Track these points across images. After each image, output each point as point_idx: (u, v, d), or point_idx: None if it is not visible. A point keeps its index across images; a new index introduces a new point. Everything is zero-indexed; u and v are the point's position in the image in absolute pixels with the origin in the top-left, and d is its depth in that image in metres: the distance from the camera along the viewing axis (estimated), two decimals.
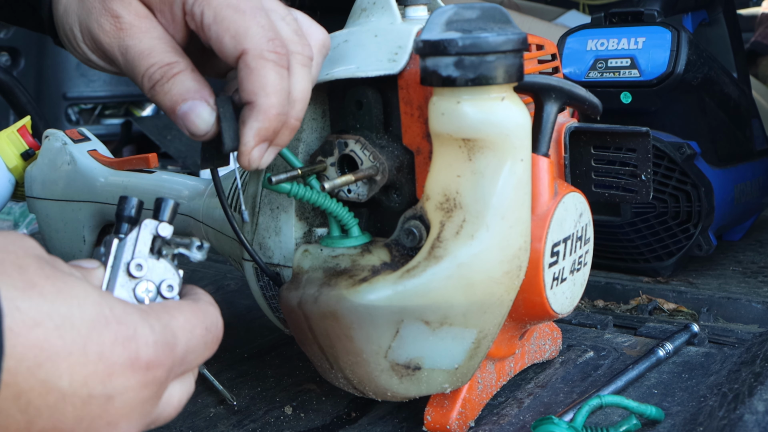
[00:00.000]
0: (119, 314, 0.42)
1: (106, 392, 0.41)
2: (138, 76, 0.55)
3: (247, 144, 0.54)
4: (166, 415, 0.47)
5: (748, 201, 1.19)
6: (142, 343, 0.43)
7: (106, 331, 0.41)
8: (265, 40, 0.54)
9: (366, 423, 0.73)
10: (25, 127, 1.11)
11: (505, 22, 0.61)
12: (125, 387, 0.42)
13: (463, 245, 0.61)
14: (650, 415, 0.69)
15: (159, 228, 0.51)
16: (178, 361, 0.46)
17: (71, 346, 0.40)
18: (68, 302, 0.40)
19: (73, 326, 0.40)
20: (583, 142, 0.75)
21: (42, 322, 0.39)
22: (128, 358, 0.42)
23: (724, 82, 1.15)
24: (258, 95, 0.53)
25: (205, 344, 0.48)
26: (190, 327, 0.47)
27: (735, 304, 0.99)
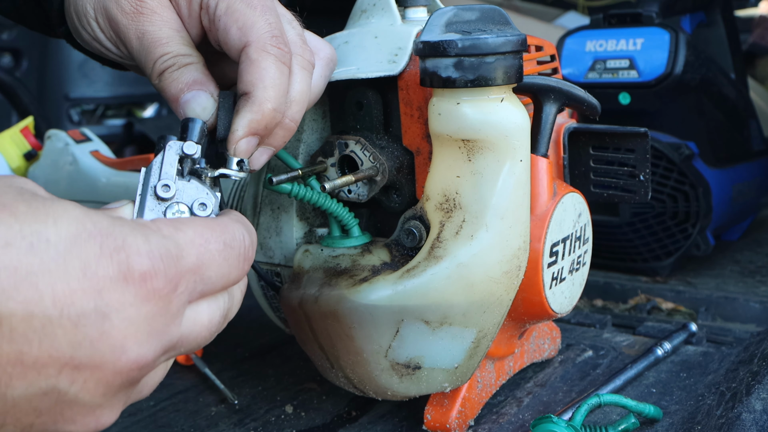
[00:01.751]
0: (104, 227, 0.39)
1: (99, 310, 0.38)
2: (150, 61, 0.55)
3: (236, 132, 0.53)
4: (196, 336, 0.43)
5: (745, 201, 1.19)
6: (133, 252, 0.39)
7: (88, 245, 0.38)
8: (270, 36, 0.54)
9: (366, 422, 0.73)
10: (28, 127, 1.11)
11: (505, 24, 0.62)
12: (120, 302, 0.38)
13: (462, 245, 0.61)
14: (648, 414, 0.69)
15: (184, 147, 0.48)
16: (188, 274, 0.41)
17: (49, 264, 0.37)
18: (43, 221, 0.37)
19: (50, 243, 0.37)
20: (581, 143, 0.75)
21: (13, 242, 0.36)
22: (118, 271, 0.38)
23: (722, 82, 1.16)
24: (255, 86, 0.53)
25: (225, 260, 0.44)
26: (201, 240, 0.43)
27: (733, 303, 1.00)
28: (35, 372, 0.37)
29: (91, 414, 0.40)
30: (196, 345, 0.44)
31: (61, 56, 1.66)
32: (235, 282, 0.45)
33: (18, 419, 0.38)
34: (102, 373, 0.39)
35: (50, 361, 0.37)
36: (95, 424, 0.40)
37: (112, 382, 0.39)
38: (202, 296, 0.43)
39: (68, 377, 0.38)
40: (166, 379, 0.82)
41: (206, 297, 0.44)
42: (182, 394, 0.80)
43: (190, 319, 0.43)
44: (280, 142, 0.56)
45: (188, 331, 0.43)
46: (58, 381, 0.38)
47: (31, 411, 0.38)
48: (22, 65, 1.64)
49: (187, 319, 0.43)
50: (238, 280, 0.45)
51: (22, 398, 0.37)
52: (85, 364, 0.38)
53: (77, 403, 0.39)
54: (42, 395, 0.38)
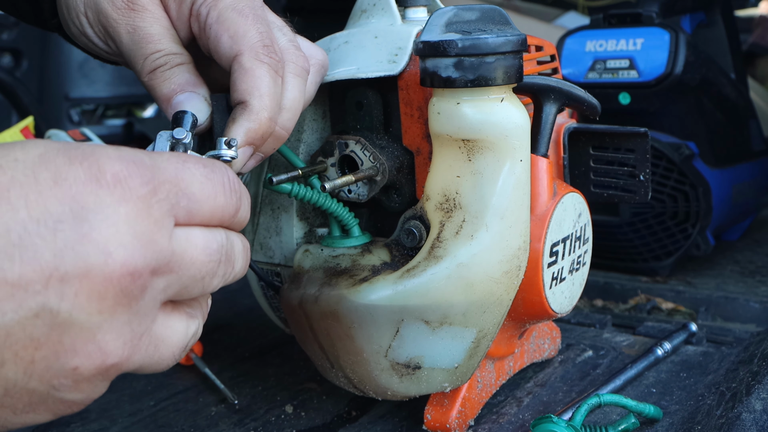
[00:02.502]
0: (73, 146, 0.38)
1: (75, 213, 0.37)
2: (140, 58, 0.55)
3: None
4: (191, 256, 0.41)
5: (745, 201, 1.19)
6: (103, 157, 0.38)
7: (57, 158, 0.37)
8: (261, 45, 0.54)
9: (366, 422, 0.73)
10: (28, 127, 1.11)
11: (505, 24, 0.62)
12: (96, 203, 0.37)
13: (462, 245, 0.61)
14: (649, 414, 0.69)
15: (174, 133, 0.48)
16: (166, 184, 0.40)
17: (20, 177, 0.36)
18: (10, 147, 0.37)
19: (17, 161, 0.37)
20: (581, 143, 0.75)
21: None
22: (90, 174, 0.37)
23: (721, 83, 1.16)
24: (251, 95, 0.53)
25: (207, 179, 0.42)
26: (178, 160, 0.41)
27: (733, 303, 1.00)
28: (21, 290, 0.36)
29: (92, 339, 0.38)
30: (195, 271, 0.41)
31: (61, 56, 1.66)
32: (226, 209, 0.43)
33: (16, 353, 0.36)
34: (91, 282, 0.37)
35: (35, 275, 0.36)
36: (100, 354, 0.38)
37: (104, 293, 0.37)
38: (190, 217, 0.41)
39: (57, 291, 0.36)
40: (167, 379, 0.82)
41: (198, 224, 0.42)
42: (182, 394, 0.80)
43: (181, 237, 0.41)
44: (270, 149, 0.56)
45: (182, 250, 0.40)
46: (47, 297, 0.36)
47: (29, 341, 0.36)
48: (22, 65, 1.64)
49: (178, 237, 0.41)
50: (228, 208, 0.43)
51: (14, 324, 0.36)
52: (71, 273, 0.36)
53: (74, 325, 0.37)
54: (34, 318, 0.36)
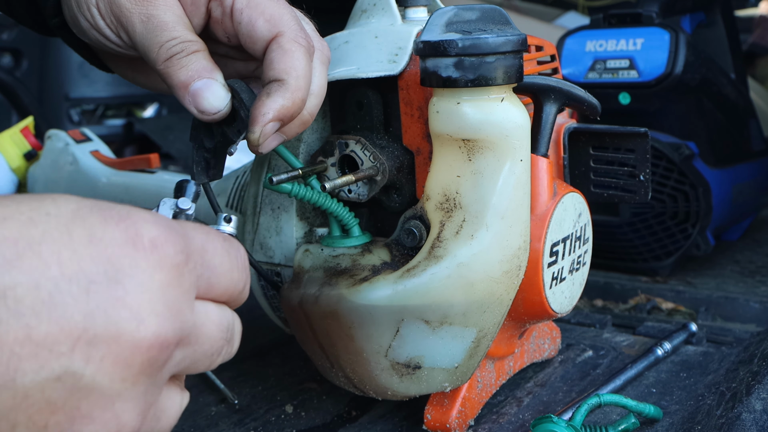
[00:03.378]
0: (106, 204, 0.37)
1: (110, 275, 0.35)
2: (156, 46, 0.55)
3: (266, 114, 0.53)
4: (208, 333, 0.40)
5: (745, 201, 1.19)
6: (140, 220, 0.37)
7: (91, 215, 0.36)
8: (298, 28, 0.55)
9: (366, 422, 0.73)
10: (28, 127, 1.11)
11: (505, 24, 0.62)
12: (132, 267, 0.36)
13: (462, 245, 0.61)
14: (649, 414, 0.69)
15: (179, 203, 0.49)
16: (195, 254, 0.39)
17: (53, 233, 0.35)
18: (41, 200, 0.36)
19: (50, 216, 0.35)
20: (582, 143, 0.75)
21: (12, 216, 0.34)
22: (127, 237, 0.36)
23: (722, 83, 1.16)
24: (289, 75, 0.54)
25: (227, 252, 0.42)
26: (203, 231, 0.41)
27: (733, 303, 1.00)
28: (46, 350, 0.34)
29: (110, 408, 0.36)
30: (208, 347, 0.41)
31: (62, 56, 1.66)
32: (238, 286, 0.43)
33: (30, 417, 0.34)
34: (120, 348, 0.35)
35: (62, 335, 0.34)
36: (115, 424, 0.36)
37: (131, 360, 0.36)
38: (209, 290, 0.41)
39: (83, 354, 0.34)
40: None
41: (213, 299, 0.42)
42: None
43: (200, 311, 0.40)
44: (294, 132, 0.57)
45: (201, 323, 0.40)
46: (72, 360, 0.34)
47: (45, 405, 0.34)
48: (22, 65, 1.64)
49: (198, 310, 0.40)
50: (240, 285, 0.43)
51: (33, 386, 0.34)
52: (100, 336, 0.35)
53: (95, 390, 0.35)
54: (55, 381, 0.34)
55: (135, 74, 0.64)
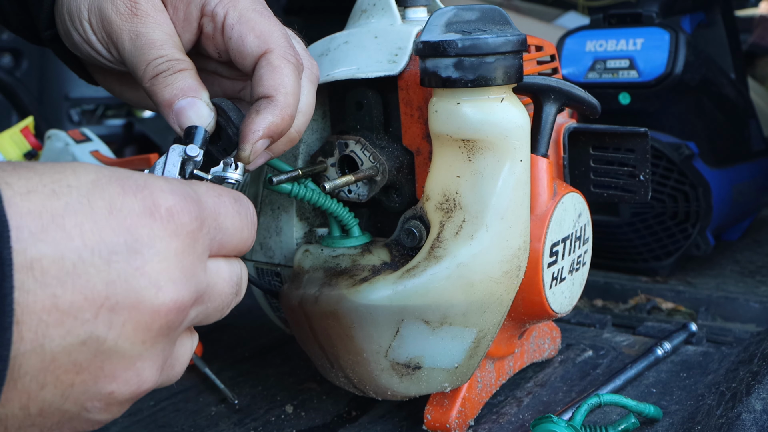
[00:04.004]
0: (123, 173, 0.39)
1: (130, 246, 0.37)
2: (142, 63, 0.55)
3: (256, 132, 0.54)
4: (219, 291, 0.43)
5: (745, 201, 1.19)
6: (157, 189, 0.39)
7: (110, 186, 0.38)
8: (288, 45, 0.55)
9: (366, 422, 0.73)
10: (28, 127, 1.11)
11: (505, 24, 0.62)
12: (150, 237, 0.38)
13: (462, 245, 0.61)
14: (649, 414, 0.69)
15: (187, 149, 0.49)
16: (209, 218, 0.41)
17: (75, 205, 0.37)
18: (61, 171, 0.38)
19: (71, 187, 0.37)
20: (581, 143, 0.75)
21: (35, 189, 0.36)
22: (144, 207, 0.38)
23: (721, 83, 1.16)
24: (278, 92, 0.54)
25: (237, 212, 0.44)
26: (215, 192, 0.43)
27: (733, 303, 1.00)
28: (71, 317, 0.36)
29: (131, 367, 0.39)
30: (219, 302, 0.43)
31: None
32: (247, 242, 0.45)
33: (58, 377, 0.37)
34: (140, 314, 0.38)
35: (86, 303, 0.36)
36: (137, 380, 0.39)
37: (150, 324, 0.38)
38: (220, 249, 0.43)
39: (106, 320, 0.37)
40: None
41: (224, 255, 0.44)
42: (182, 394, 0.80)
43: (212, 271, 0.42)
44: (281, 150, 0.57)
45: (213, 282, 0.42)
46: (96, 326, 0.37)
47: (71, 366, 0.37)
48: (22, 65, 1.64)
49: (210, 270, 0.42)
50: (248, 241, 0.45)
51: (60, 350, 0.36)
52: (121, 304, 0.37)
53: (117, 353, 0.38)
54: (80, 345, 0.37)
55: (123, 89, 0.64)
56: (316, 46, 0.70)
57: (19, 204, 0.36)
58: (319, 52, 0.69)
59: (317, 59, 0.68)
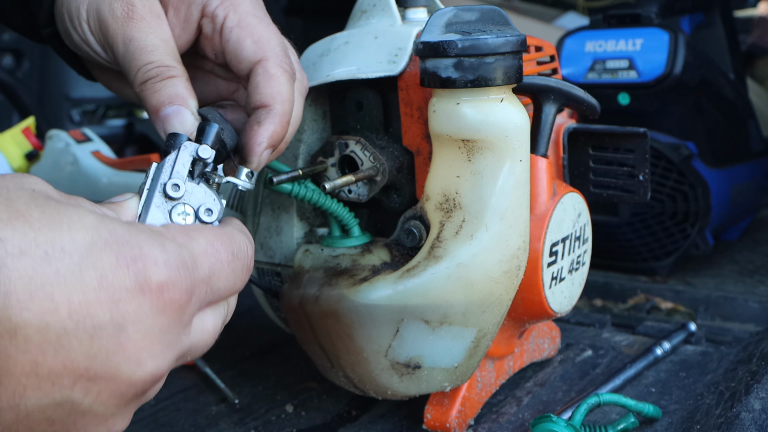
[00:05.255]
0: (121, 235, 0.38)
1: (116, 322, 0.37)
2: (134, 69, 0.55)
3: (261, 144, 0.54)
4: (202, 344, 0.44)
5: (744, 201, 1.20)
6: (150, 262, 0.39)
7: (104, 254, 0.37)
8: (283, 54, 0.56)
9: (366, 421, 0.74)
10: (29, 128, 1.12)
11: (504, 24, 0.62)
12: (137, 314, 0.38)
13: (462, 245, 0.62)
14: (648, 413, 0.70)
15: (199, 150, 0.49)
16: (201, 284, 0.42)
17: (65, 274, 0.36)
18: (57, 227, 0.37)
19: (65, 252, 0.36)
20: (581, 143, 0.75)
21: (27, 251, 0.36)
22: (135, 281, 0.38)
23: (721, 83, 1.16)
24: (275, 100, 0.54)
25: (232, 270, 0.44)
26: (212, 251, 0.43)
27: (732, 303, 1.00)
28: (49, 383, 0.37)
29: (103, 423, 0.40)
30: (200, 352, 0.45)
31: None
32: (238, 289, 0.46)
33: (30, 428, 0.38)
34: (117, 385, 0.38)
35: (65, 372, 0.37)
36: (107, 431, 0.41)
37: (126, 393, 0.39)
38: (210, 304, 0.44)
39: (83, 388, 0.38)
40: (167, 379, 0.82)
41: (211, 305, 0.44)
42: (183, 394, 0.80)
43: (197, 328, 0.43)
44: (273, 157, 0.58)
45: (196, 340, 0.43)
46: (73, 392, 0.37)
47: (44, 420, 0.38)
48: (23, 66, 1.64)
49: (195, 328, 0.43)
50: (240, 290, 0.46)
51: (35, 409, 0.37)
52: (100, 375, 0.38)
53: (90, 413, 0.39)
54: (56, 406, 0.37)
55: (121, 86, 0.64)
56: (316, 46, 0.70)
57: (10, 266, 0.35)
58: (320, 52, 0.69)
59: (318, 59, 0.68)
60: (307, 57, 0.70)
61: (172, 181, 0.47)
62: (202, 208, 0.48)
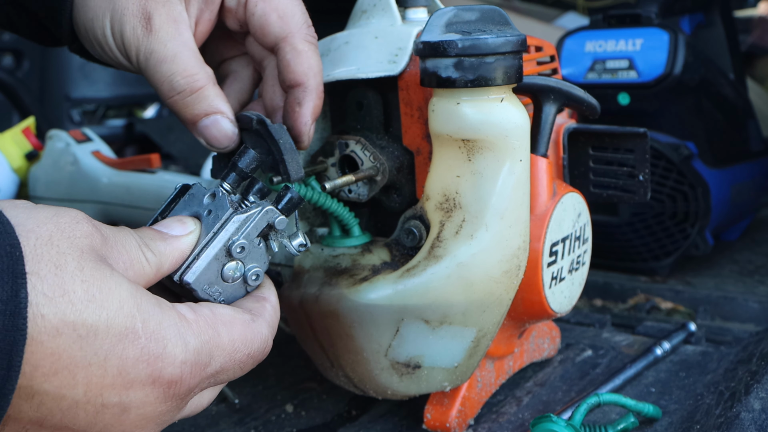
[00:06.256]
0: (152, 329, 0.42)
1: (122, 404, 0.42)
2: (159, 82, 0.55)
3: (307, 124, 0.58)
4: (188, 414, 0.48)
5: (744, 201, 1.20)
6: (168, 362, 0.42)
7: (131, 347, 0.41)
8: (307, 26, 0.58)
9: (366, 421, 0.74)
10: (29, 128, 1.12)
11: (504, 24, 0.62)
12: (143, 401, 0.42)
13: (462, 245, 0.62)
14: (648, 413, 0.70)
15: (277, 221, 0.50)
16: (209, 378, 0.46)
17: (91, 358, 0.40)
18: (97, 312, 0.40)
19: (97, 337, 0.40)
20: (581, 143, 0.75)
21: (64, 332, 0.39)
22: (149, 375, 0.42)
23: (720, 83, 1.16)
24: (308, 76, 0.57)
25: (241, 368, 0.48)
26: (231, 349, 0.47)
27: (732, 303, 1.00)
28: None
29: None
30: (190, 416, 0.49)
31: (62, 57, 1.66)
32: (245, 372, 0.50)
33: None
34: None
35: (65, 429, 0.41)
36: None
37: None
38: (214, 384, 0.48)
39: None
40: None
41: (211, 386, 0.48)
42: None
43: (193, 402, 0.47)
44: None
45: (189, 412, 0.48)
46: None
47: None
48: (23, 66, 1.64)
49: (192, 403, 0.47)
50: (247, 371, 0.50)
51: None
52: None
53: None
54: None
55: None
56: None
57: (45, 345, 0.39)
58: (320, 52, 0.69)
59: None
60: None
61: (241, 243, 0.49)
62: (252, 272, 0.50)
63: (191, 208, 0.51)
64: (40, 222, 0.40)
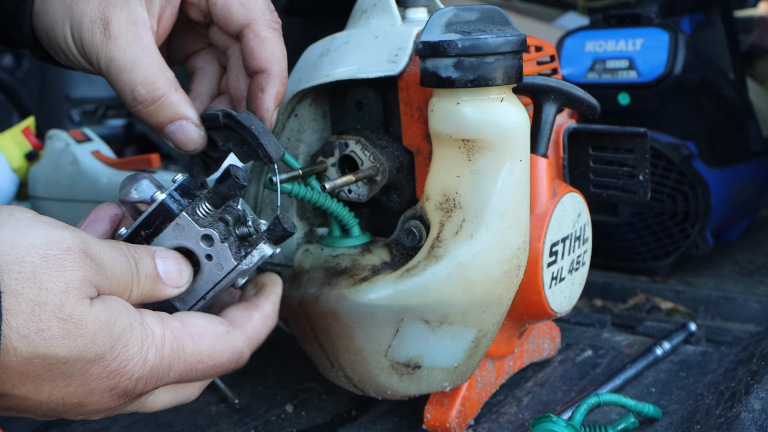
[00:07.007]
0: (118, 352, 0.46)
1: (80, 403, 0.46)
2: (121, 90, 0.55)
3: (269, 110, 0.58)
4: (146, 410, 0.51)
5: (744, 201, 1.20)
6: (126, 378, 0.46)
7: (96, 367, 0.45)
8: (270, 11, 0.58)
9: (366, 421, 0.74)
10: (29, 128, 1.12)
11: (504, 24, 0.62)
12: (98, 401, 0.47)
13: (462, 245, 0.62)
14: (648, 414, 0.70)
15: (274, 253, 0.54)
16: (164, 384, 0.49)
17: (58, 377, 0.44)
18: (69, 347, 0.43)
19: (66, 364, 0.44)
20: (581, 143, 0.75)
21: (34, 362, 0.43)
22: (108, 386, 0.46)
23: (720, 83, 1.16)
24: (271, 63, 0.57)
25: (203, 375, 0.51)
26: (194, 360, 0.49)
27: (732, 303, 1.00)
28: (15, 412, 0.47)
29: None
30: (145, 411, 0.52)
31: None
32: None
33: None
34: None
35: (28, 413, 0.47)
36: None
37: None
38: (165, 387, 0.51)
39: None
40: None
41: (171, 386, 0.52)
42: None
43: (145, 402, 0.50)
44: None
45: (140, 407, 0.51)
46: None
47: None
48: (23, 65, 1.64)
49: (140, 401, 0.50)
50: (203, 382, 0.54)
51: None
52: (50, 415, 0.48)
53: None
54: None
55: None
56: (316, 46, 0.70)
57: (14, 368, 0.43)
58: (320, 52, 0.69)
59: (318, 59, 0.68)
60: (307, 57, 0.70)
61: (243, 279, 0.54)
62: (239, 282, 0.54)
63: (182, 241, 0.53)
64: (27, 250, 0.42)
